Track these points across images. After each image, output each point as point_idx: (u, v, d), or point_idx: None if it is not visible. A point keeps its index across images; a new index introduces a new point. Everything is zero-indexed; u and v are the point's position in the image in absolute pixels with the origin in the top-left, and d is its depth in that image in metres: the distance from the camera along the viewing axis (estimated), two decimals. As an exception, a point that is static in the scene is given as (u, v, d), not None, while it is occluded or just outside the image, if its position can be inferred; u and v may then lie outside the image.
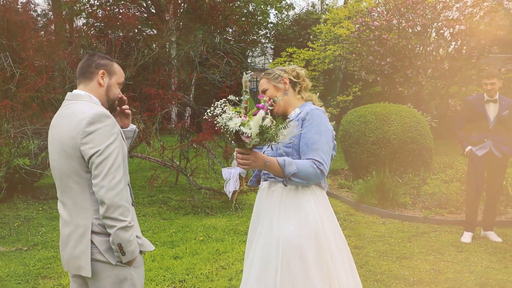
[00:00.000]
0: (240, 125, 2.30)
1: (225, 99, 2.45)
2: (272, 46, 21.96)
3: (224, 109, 2.38)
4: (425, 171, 8.26)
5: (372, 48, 12.25)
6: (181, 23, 11.39)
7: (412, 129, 8.24)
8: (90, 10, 15.46)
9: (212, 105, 2.44)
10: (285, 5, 20.90)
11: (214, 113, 2.39)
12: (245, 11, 18.40)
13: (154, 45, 10.14)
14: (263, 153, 2.67)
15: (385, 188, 7.40)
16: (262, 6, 18.49)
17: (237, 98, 2.47)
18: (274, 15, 21.91)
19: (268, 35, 21.91)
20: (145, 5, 18.03)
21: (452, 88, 12.92)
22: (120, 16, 9.75)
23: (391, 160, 8.15)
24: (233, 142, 2.46)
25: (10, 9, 7.97)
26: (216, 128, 2.42)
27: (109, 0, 16.98)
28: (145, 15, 17.26)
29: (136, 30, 9.94)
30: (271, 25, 21.60)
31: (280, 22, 21.68)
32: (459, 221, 6.47)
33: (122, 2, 15.94)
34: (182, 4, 12.64)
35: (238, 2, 17.33)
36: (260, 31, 21.11)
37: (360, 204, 7.46)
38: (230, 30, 12.28)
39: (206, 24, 9.95)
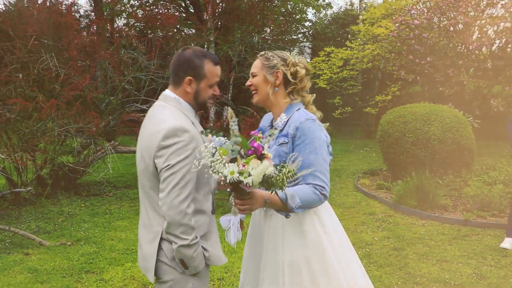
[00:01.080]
0: (238, 176, 2.02)
1: (215, 147, 2.07)
2: (310, 46, 21.86)
3: (214, 154, 2.06)
4: (466, 173, 8.08)
5: (412, 47, 12.05)
6: (219, 23, 11.47)
7: (453, 130, 8.07)
8: (131, 11, 15.71)
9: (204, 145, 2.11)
10: (323, 3, 20.75)
11: (203, 158, 2.07)
12: (283, 10, 18.36)
13: (192, 45, 10.24)
14: None
15: (424, 190, 7.27)
16: (300, 5, 18.39)
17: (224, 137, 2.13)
18: (312, 14, 21.78)
19: (306, 34, 21.81)
20: (184, 4, 18.22)
21: (495, 87, 12.58)
22: (159, 16, 9.88)
23: (431, 161, 8.01)
24: (229, 189, 2.20)
25: (56, 11, 8.19)
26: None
27: (149, 0, 17.25)
28: (184, 14, 17.45)
29: (175, 30, 10.04)
30: (309, 24, 21.49)
31: (318, 21, 21.55)
32: (503, 225, 6.30)
33: (161, 2, 16.14)
34: (220, 4, 12.73)
35: (276, 1, 17.36)
36: (298, 30, 21.03)
37: (399, 205, 7.36)
38: (268, 29, 12.28)
39: (244, 23, 9.98)
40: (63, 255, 5.35)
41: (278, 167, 2.13)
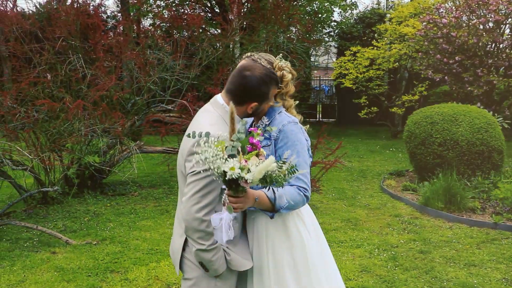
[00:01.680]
0: (239, 172, 2.00)
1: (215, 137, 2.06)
2: (336, 45, 21.71)
3: (210, 147, 2.04)
4: (495, 175, 7.91)
5: (440, 46, 11.86)
6: (244, 23, 11.47)
7: (482, 130, 7.91)
8: (157, 11, 15.84)
9: (198, 137, 2.11)
10: (349, 3, 20.60)
11: (197, 152, 2.06)
12: (309, 9, 18.28)
13: (217, 45, 10.26)
14: None
15: (452, 192, 7.14)
16: (326, 4, 18.28)
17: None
18: (338, 13, 21.63)
19: (332, 33, 21.68)
20: (209, 5, 18.29)
21: (526, 87, 12.30)
22: (185, 17, 9.92)
23: (459, 163, 7.87)
24: (224, 186, 2.16)
25: (83, 12, 8.30)
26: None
27: (175, 1, 17.35)
28: (209, 14, 17.52)
29: (200, 30, 10.08)
30: (335, 23, 21.35)
31: (344, 20, 21.39)
32: (533, 228, 6.16)
33: (187, 2, 16.24)
34: (246, 4, 12.72)
35: (302, 1, 17.28)
36: (323, 30, 20.91)
37: (426, 208, 7.24)
38: (294, 29, 12.23)
39: (270, 23, 9.95)
40: (89, 254, 5.41)
41: (279, 163, 2.11)
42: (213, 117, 2.35)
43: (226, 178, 2.03)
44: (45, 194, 7.40)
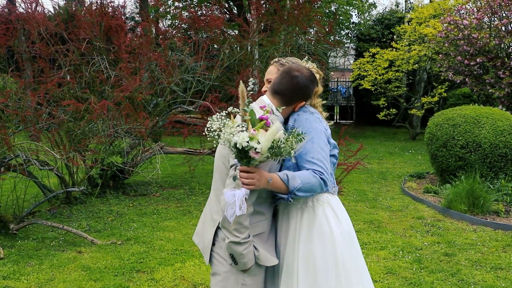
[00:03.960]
0: (248, 140, 2.11)
1: (225, 112, 2.22)
2: (354, 47, 21.65)
3: (223, 122, 2.18)
4: (519, 178, 7.85)
5: (461, 47, 11.76)
6: (262, 24, 11.50)
7: (505, 133, 7.85)
8: (176, 12, 15.93)
9: (210, 118, 2.23)
10: (366, 4, 20.53)
11: (212, 128, 2.18)
12: (327, 11, 18.25)
13: (237, 46, 10.28)
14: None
15: (475, 194, 7.09)
16: (345, 6, 18.26)
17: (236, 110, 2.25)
18: (356, 15, 21.56)
19: (350, 35, 21.62)
20: (227, 5, 18.34)
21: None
22: (207, 18, 9.97)
23: (481, 165, 7.81)
24: (236, 159, 2.24)
25: (107, 14, 8.38)
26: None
27: (193, 2, 17.43)
28: (227, 15, 17.57)
29: (219, 32, 10.11)
30: (353, 25, 21.29)
31: (362, 22, 21.33)
32: (559, 232, 6.09)
33: (206, 3, 16.29)
34: (264, 5, 12.73)
35: (320, 2, 17.25)
36: (342, 31, 20.86)
37: (449, 210, 7.19)
38: (312, 31, 12.22)
39: (291, 25, 9.96)
40: (114, 254, 5.46)
41: (285, 133, 2.21)
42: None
43: (237, 148, 2.12)
44: (69, 194, 7.48)
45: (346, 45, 21.55)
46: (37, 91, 7.10)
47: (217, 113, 2.19)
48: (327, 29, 11.82)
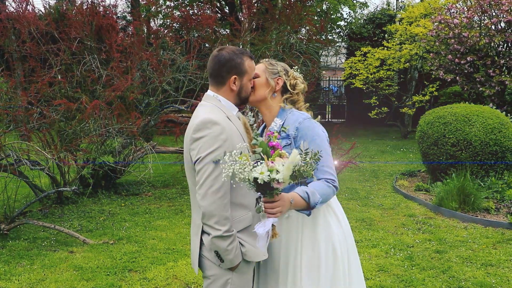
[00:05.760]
0: (269, 174, 2.06)
1: (237, 152, 2.12)
2: (346, 45, 21.70)
3: (235, 159, 2.10)
4: (509, 175, 7.90)
5: (451, 46, 11.83)
6: (254, 23, 11.51)
7: (495, 131, 7.90)
8: (167, 11, 15.89)
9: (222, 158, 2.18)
10: (358, 2, 20.58)
11: (225, 168, 2.10)
12: (319, 10, 18.28)
13: (228, 45, 10.27)
14: None
15: (466, 192, 7.14)
16: (336, 5, 18.29)
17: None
18: (347, 14, 21.62)
19: (341, 34, 21.66)
20: (218, 5, 18.33)
21: (538, 87, 12.26)
22: (199, 17, 9.95)
23: (472, 163, 7.86)
24: (258, 192, 2.20)
25: (98, 13, 8.35)
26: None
27: (185, 1, 17.39)
28: (219, 14, 17.55)
29: (210, 31, 10.10)
30: (344, 23, 21.34)
31: (353, 20, 21.38)
32: (548, 229, 6.15)
33: (197, 2, 16.26)
34: (256, 4, 12.73)
35: (312, 1, 17.27)
36: (333, 30, 20.90)
37: (440, 208, 7.24)
38: (304, 30, 12.24)
39: (282, 24, 9.97)
40: (106, 254, 5.45)
41: (301, 155, 2.20)
42: (207, 107, 2.43)
43: (259, 183, 2.08)
44: (60, 194, 7.46)
45: (337, 44, 21.59)
46: (28, 90, 7.06)
47: (228, 153, 2.13)
48: (318, 28, 11.84)
